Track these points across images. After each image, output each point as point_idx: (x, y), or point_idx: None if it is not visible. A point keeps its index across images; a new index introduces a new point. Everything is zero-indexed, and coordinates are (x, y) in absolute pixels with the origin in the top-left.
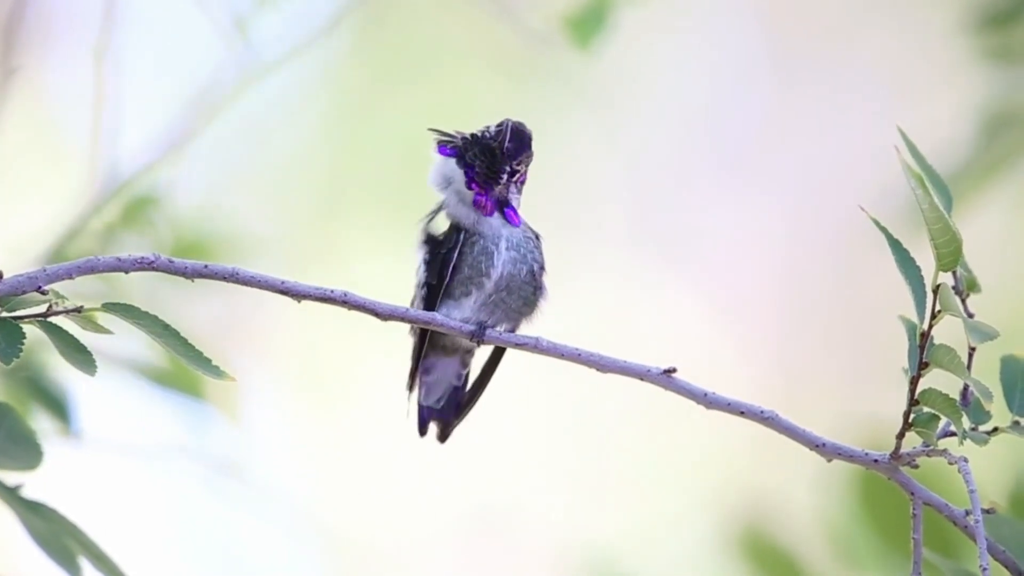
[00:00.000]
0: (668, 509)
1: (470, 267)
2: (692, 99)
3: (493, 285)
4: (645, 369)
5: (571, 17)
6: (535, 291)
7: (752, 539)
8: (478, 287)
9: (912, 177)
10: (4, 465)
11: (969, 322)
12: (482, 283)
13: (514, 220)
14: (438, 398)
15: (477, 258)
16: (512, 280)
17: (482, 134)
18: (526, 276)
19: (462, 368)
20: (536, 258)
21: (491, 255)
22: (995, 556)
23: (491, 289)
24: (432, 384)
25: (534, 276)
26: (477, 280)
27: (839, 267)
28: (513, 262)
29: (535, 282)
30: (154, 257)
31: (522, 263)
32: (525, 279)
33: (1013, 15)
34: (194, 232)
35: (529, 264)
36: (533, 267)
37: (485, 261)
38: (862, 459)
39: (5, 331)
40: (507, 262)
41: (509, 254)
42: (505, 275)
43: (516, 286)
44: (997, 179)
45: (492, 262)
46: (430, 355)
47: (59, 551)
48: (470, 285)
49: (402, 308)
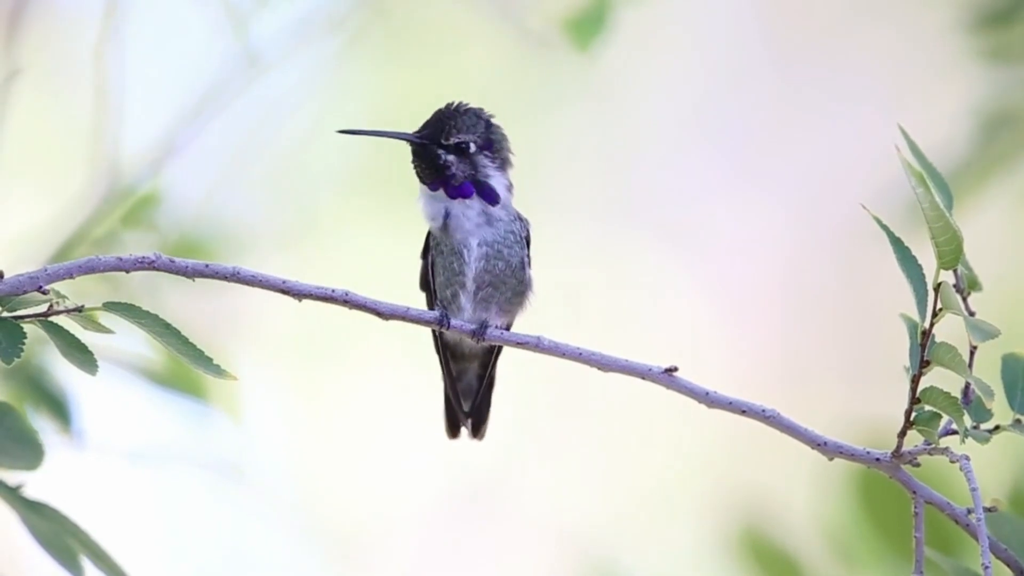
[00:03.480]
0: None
1: (447, 268)
2: (692, 99)
3: (473, 283)
4: (647, 368)
5: (570, 18)
6: (519, 283)
7: (752, 538)
8: (461, 287)
9: (913, 175)
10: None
11: (970, 320)
12: (463, 283)
13: (490, 196)
14: (470, 401)
15: (448, 259)
16: (490, 275)
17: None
18: (504, 269)
19: (482, 370)
20: (514, 252)
21: (461, 255)
22: (997, 554)
23: (472, 288)
24: (463, 390)
25: (513, 269)
26: (457, 280)
27: (839, 266)
28: (486, 258)
29: (516, 274)
30: (155, 257)
31: (496, 259)
32: (504, 273)
33: (1011, 14)
34: (195, 231)
35: (506, 259)
36: (511, 261)
37: (457, 262)
38: (864, 458)
39: (6, 331)
40: (479, 258)
41: (481, 250)
42: (480, 271)
43: (498, 281)
44: (996, 178)
45: (465, 260)
46: (453, 364)
47: (61, 550)
48: (454, 287)
49: (403, 307)
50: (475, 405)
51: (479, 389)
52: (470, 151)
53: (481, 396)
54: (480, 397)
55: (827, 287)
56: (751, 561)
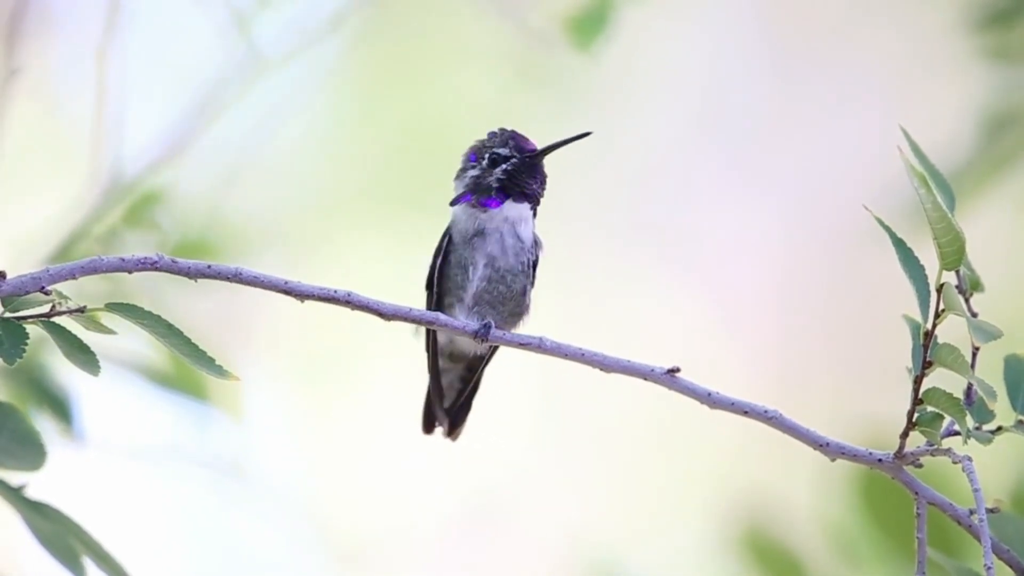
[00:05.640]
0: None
1: (449, 279)
2: (692, 99)
3: (471, 299)
4: (649, 369)
5: (572, 18)
6: (517, 306)
7: (755, 539)
8: (458, 299)
9: (916, 176)
10: (8, 465)
11: (973, 321)
12: (461, 296)
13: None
14: (450, 400)
15: (454, 270)
16: (491, 296)
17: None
18: (504, 292)
19: (467, 372)
20: (519, 280)
21: (467, 270)
22: (999, 555)
23: (470, 302)
24: (445, 387)
25: (513, 295)
26: (456, 292)
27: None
28: (487, 280)
29: (516, 299)
30: (158, 257)
31: (499, 283)
32: (504, 295)
33: (1013, 14)
34: (198, 231)
35: (508, 284)
36: (513, 287)
37: (460, 275)
38: (866, 459)
39: (8, 331)
40: (482, 279)
41: (485, 271)
42: (480, 291)
43: (496, 302)
44: (998, 179)
45: (468, 276)
46: (441, 362)
47: (63, 551)
48: (452, 296)
49: (405, 308)
50: (455, 405)
51: (461, 390)
52: (495, 160)
53: (464, 398)
54: (462, 399)
55: (829, 288)
56: (754, 561)
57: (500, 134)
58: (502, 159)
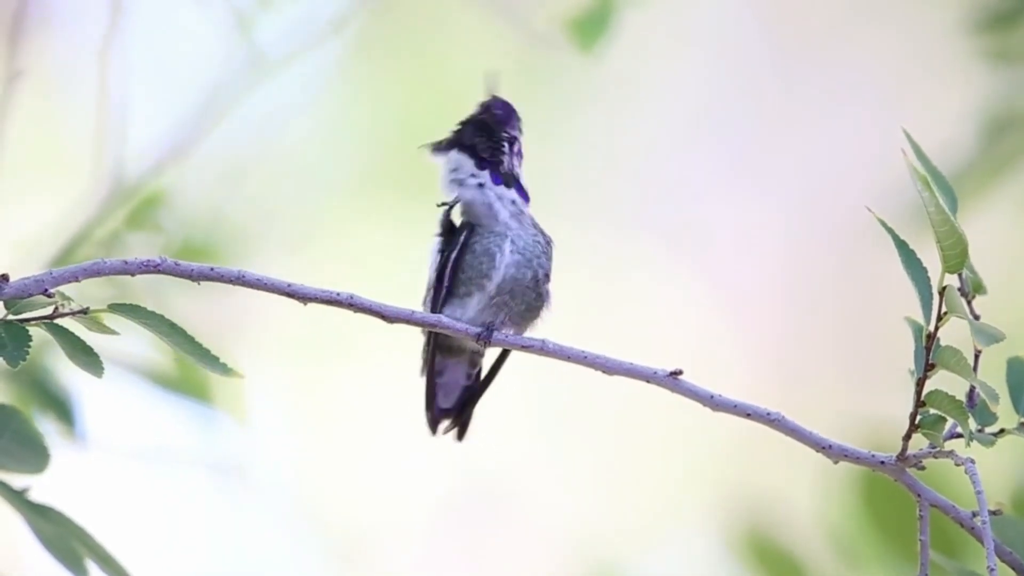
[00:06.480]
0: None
1: (472, 267)
2: (694, 100)
3: (495, 287)
4: (652, 371)
5: (574, 19)
6: (538, 297)
7: (757, 541)
8: (479, 288)
9: (918, 179)
10: (11, 468)
11: (975, 324)
12: (483, 284)
13: (524, 195)
14: (451, 398)
15: (479, 258)
16: (516, 284)
17: (469, 117)
18: (529, 282)
19: (471, 368)
20: (542, 264)
21: (493, 256)
22: (1002, 557)
23: (492, 291)
24: (444, 386)
25: (538, 282)
26: (478, 281)
27: (842, 268)
28: (516, 266)
29: (538, 288)
30: (160, 260)
31: (526, 267)
32: (528, 284)
33: (1014, 16)
34: (200, 234)
35: (534, 269)
36: (538, 273)
37: (487, 262)
38: (869, 461)
39: (11, 334)
40: (510, 265)
41: (513, 257)
42: (508, 278)
43: (519, 290)
44: (1000, 181)
45: (494, 263)
46: (439, 358)
47: (66, 554)
48: (471, 286)
49: (408, 310)
50: (455, 406)
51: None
52: (515, 149)
53: (467, 400)
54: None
55: (831, 289)
56: (756, 564)
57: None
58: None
